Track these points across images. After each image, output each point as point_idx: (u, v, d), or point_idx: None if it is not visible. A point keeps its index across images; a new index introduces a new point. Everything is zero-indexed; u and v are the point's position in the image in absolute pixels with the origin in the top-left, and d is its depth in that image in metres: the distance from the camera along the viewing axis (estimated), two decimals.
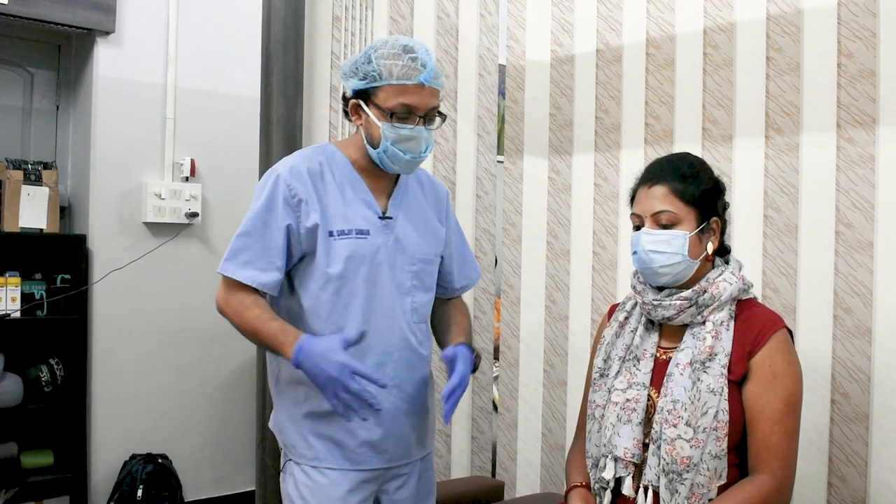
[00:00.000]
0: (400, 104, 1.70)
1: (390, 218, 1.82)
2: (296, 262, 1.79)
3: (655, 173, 1.75)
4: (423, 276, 1.87)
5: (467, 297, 2.91)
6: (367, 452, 1.79)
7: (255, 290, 1.76)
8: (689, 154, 1.83)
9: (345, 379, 1.61)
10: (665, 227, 1.71)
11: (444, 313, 1.98)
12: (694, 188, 1.71)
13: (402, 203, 1.86)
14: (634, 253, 1.75)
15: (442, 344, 1.93)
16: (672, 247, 1.70)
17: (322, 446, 1.78)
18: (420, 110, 1.71)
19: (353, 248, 1.76)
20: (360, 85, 1.72)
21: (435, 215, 1.94)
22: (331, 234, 1.75)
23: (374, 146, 1.75)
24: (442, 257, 1.95)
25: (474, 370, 1.84)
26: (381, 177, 1.83)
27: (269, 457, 2.56)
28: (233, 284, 1.77)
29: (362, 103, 1.74)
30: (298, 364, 1.66)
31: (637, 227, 1.76)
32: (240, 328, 1.77)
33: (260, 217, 1.76)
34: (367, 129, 1.76)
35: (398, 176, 1.87)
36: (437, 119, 1.77)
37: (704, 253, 1.73)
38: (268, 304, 1.78)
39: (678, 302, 1.71)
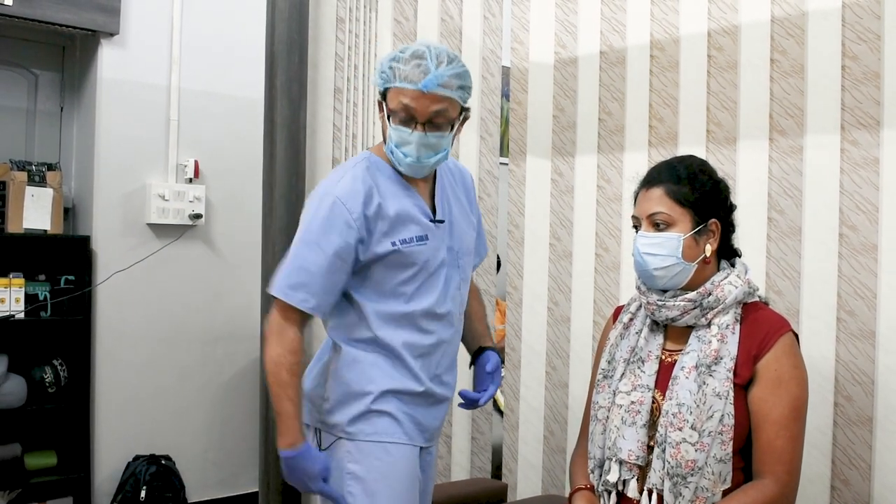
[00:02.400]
0: (400, 105, 1.75)
1: (441, 221, 1.90)
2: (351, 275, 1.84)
3: (653, 176, 1.77)
4: (465, 269, 1.97)
5: None
6: (414, 429, 1.88)
7: (304, 322, 1.83)
8: (691, 157, 1.84)
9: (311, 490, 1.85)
10: (660, 228, 1.72)
11: None
12: (689, 190, 1.72)
13: (443, 201, 1.93)
14: (634, 256, 1.76)
15: (464, 334, 2.04)
16: (665, 249, 1.70)
17: (384, 422, 1.85)
18: (420, 115, 1.75)
19: (417, 255, 1.83)
20: (379, 85, 1.81)
21: (467, 204, 2.02)
22: (394, 244, 1.81)
23: (386, 145, 1.83)
24: None
25: None
26: (420, 178, 1.89)
27: (273, 457, 2.56)
28: (288, 319, 1.80)
29: (383, 100, 1.81)
30: (282, 458, 1.82)
31: (636, 229, 1.78)
32: (272, 371, 1.80)
33: (319, 245, 1.78)
34: (383, 128, 1.83)
35: (435, 174, 1.94)
36: (448, 126, 1.80)
37: (702, 255, 1.73)
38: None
39: (682, 303, 1.72)
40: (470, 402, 1.96)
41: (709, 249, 1.73)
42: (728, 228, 1.79)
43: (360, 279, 1.84)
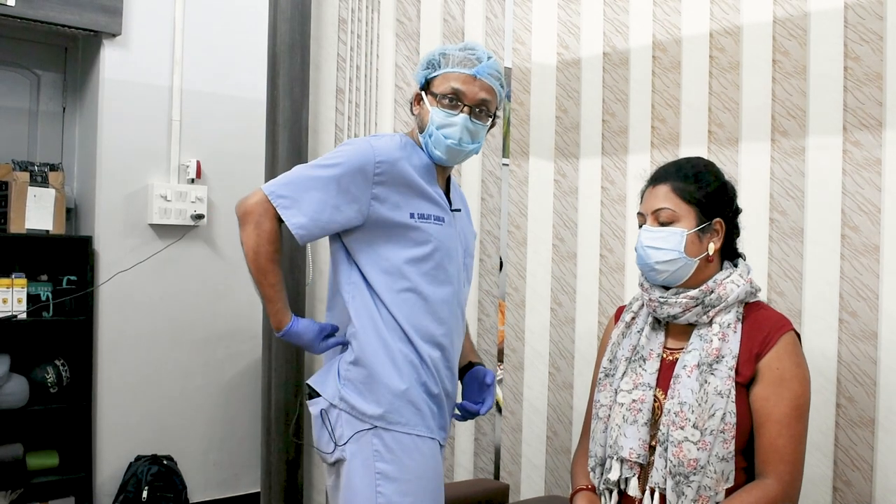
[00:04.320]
0: (450, 88, 1.82)
1: (458, 210, 1.95)
2: (364, 245, 1.85)
3: (660, 174, 1.80)
4: (469, 270, 2.01)
5: (472, 299, 2.91)
6: (435, 425, 1.88)
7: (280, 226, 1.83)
8: (698, 158, 1.86)
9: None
10: (664, 224, 1.73)
11: None
12: (695, 188, 1.74)
13: (456, 197, 1.99)
14: (636, 249, 1.77)
15: None
16: (668, 243, 1.72)
17: (411, 413, 1.83)
18: (468, 99, 1.83)
19: (433, 232, 1.85)
20: (425, 74, 1.87)
21: (467, 216, 2.07)
22: (412, 216, 1.83)
23: (422, 130, 1.87)
24: None
25: None
26: (440, 173, 1.93)
27: (275, 458, 2.57)
28: (268, 211, 1.80)
29: (423, 93, 1.87)
30: (282, 336, 1.88)
31: (642, 226, 1.78)
32: (252, 259, 1.82)
33: (334, 177, 1.79)
34: (420, 117, 1.88)
35: (449, 175, 1.98)
36: (488, 118, 1.87)
37: (705, 253, 1.73)
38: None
39: (684, 300, 1.72)
40: (468, 414, 1.99)
41: (712, 248, 1.74)
42: (732, 230, 1.80)
43: (377, 255, 1.84)
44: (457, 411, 2.00)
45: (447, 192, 1.96)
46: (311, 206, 1.78)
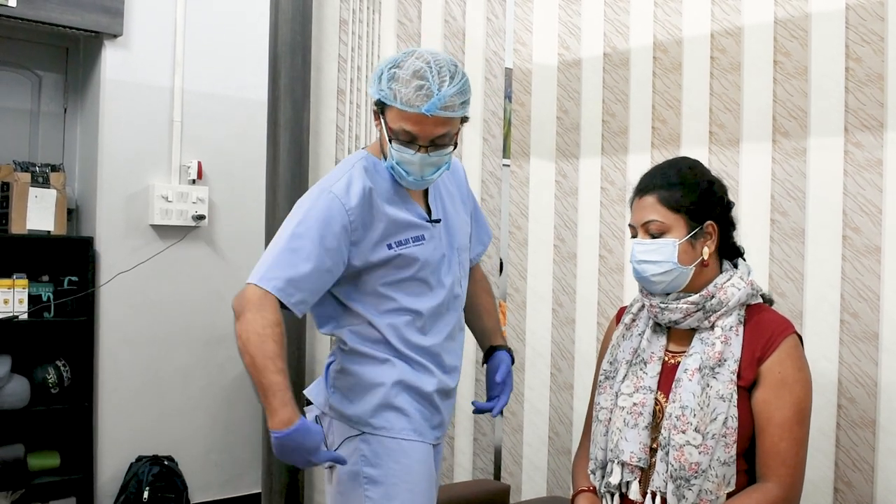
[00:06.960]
0: (402, 129, 1.70)
1: (438, 220, 1.88)
2: (343, 278, 1.81)
3: (645, 183, 1.77)
4: (464, 263, 1.97)
5: None
6: (426, 428, 1.86)
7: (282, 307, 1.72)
8: (681, 159, 1.84)
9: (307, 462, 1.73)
10: (655, 236, 1.72)
11: (469, 292, 2.03)
12: (681, 195, 1.71)
13: (438, 199, 1.92)
14: (631, 263, 1.77)
15: (475, 331, 2.07)
16: (661, 255, 1.70)
17: (396, 418, 1.82)
18: (422, 139, 1.71)
19: (415, 254, 1.81)
20: (377, 97, 1.74)
21: (460, 197, 2.00)
22: (390, 247, 1.78)
23: (385, 158, 1.79)
24: None
25: None
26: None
27: (276, 458, 2.56)
28: (267, 299, 1.70)
29: (381, 113, 1.75)
30: (276, 438, 1.67)
31: (634, 237, 1.78)
32: (256, 343, 1.70)
33: (315, 242, 1.72)
34: (382, 139, 1.79)
35: None
36: (451, 143, 1.76)
37: (699, 259, 1.72)
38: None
39: (685, 306, 1.71)
40: (482, 412, 1.96)
41: (706, 252, 1.73)
42: (727, 227, 1.79)
43: (359, 287, 1.81)
44: (473, 405, 1.99)
45: (426, 196, 1.90)
46: (307, 283, 1.71)
